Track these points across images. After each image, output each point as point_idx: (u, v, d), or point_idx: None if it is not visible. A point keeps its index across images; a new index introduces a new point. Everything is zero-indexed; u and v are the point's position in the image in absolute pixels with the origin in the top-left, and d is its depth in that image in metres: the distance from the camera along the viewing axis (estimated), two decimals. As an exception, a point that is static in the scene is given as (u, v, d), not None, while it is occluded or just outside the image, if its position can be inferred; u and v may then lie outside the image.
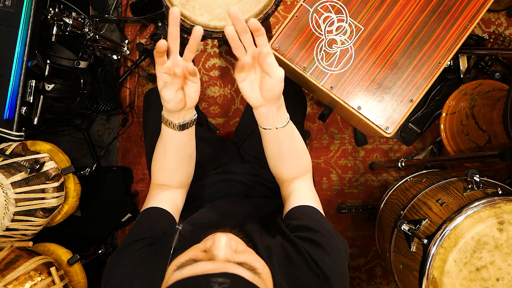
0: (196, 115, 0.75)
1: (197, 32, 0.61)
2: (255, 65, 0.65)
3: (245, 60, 0.61)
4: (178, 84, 0.64)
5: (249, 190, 0.97)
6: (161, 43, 0.59)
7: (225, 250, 0.52)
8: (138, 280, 0.61)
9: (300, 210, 0.73)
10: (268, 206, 0.88)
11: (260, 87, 0.66)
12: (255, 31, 0.61)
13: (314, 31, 1.05)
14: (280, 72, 0.63)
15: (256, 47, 0.63)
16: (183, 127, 0.72)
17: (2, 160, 1.14)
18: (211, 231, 0.59)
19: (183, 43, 0.62)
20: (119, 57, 1.68)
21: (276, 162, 0.80)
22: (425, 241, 1.03)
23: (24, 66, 1.09)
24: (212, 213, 0.80)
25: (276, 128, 0.72)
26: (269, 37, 0.97)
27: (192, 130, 0.76)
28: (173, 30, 0.61)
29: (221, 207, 0.83)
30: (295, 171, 0.79)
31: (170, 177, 0.79)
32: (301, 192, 0.77)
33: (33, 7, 1.07)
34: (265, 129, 0.73)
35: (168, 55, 0.63)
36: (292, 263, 0.62)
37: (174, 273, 0.51)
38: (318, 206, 0.74)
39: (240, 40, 0.62)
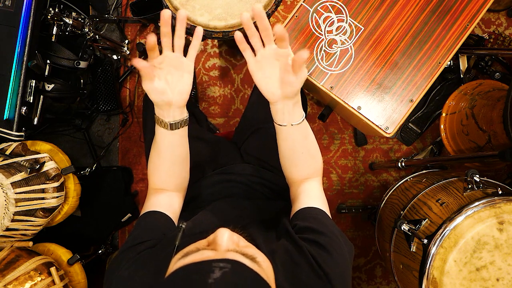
0: (188, 116, 0.75)
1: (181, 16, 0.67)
2: (271, 59, 0.68)
3: (260, 52, 0.66)
4: (151, 73, 0.67)
5: (249, 191, 0.96)
6: (151, 38, 0.64)
7: (227, 242, 0.54)
8: (139, 283, 0.61)
9: (308, 211, 0.73)
10: (270, 208, 0.87)
11: (281, 81, 0.68)
12: (280, 39, 0.65)
13: (314, 31, 1.05)
14: (305, 73, 0.67)
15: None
16: (173, 126, 0.73)
17: (2, 160, 1.14)
18: (214, 228, 0.59)
19: (186, 44, 0.64)
20: (119, 57, 1.68)
21: (288, 161, 0.80)
22: (425, 241, 1.03)
23: (24, 66, 1.09)
24: (213, 216, 0.80)
25: (292, 125, 0.73)
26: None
27: (184, 132, 0.76)
28: (164, 29, 0.67)
29: (222, 210, 0.83)
30: (307, 172, 0.79)
31: (165, 180, 0.80)
32: (310, 193, 0.77)
33: (33, 7, 1.07)
34: (281, 125, 0.74)
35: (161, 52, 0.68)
36: (295, 264, 0.62)
37: (177, 261, 0.52)
38: (326, 209, 0.74)
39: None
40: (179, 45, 0.69)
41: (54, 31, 1.27)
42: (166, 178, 0.79)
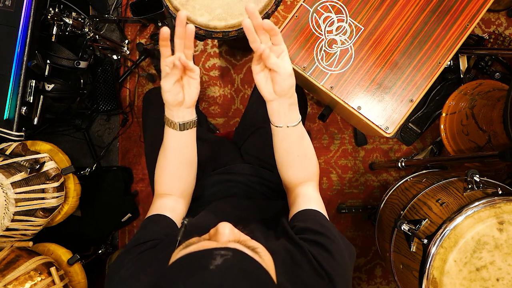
0: (197, 117, 0.76)
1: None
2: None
3: (261, 52, 0.65)
4: (176, 75, 0.68)
5: (249, 191, 0.97)
6: (164, 30, 0.64)
7: (229, 235, 0.55)
8: (141, 282, 0.61)
9: (306, 213, 0.73)
10: (270, 208, 0.88)
11: (272, 81, 0.69)
12: (269, 31, 0.65)
13: (314, 31, 1.05)
14: (287, 68, 0.67)
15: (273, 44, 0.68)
16: (183, 126, 0.74)
17: (2, 160, 1.14)
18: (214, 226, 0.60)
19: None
20: (119, 57, 1.68)
21: (285, 163, 0.80)
22: (425, 241, 1.03)
23: (24, 66, 1.09)
24: (214, 216, 0.80)
25: (287, 127, 0.74)
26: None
27: (193, 134, 0.77)
28: (179, 30, 0.66)
29: (222, 210, 0.83)
30: (303, 175, 0.80)
31: (172, 184, 0.80)
32: (307, 196, 0.78)
33: (33, 7, 1.07)
34: (277, 126, 0.75)
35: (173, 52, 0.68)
36: (296, 264, 0.62)
37: (180, 251, 0.53)
38: (324, 212, 0.75)
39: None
40: (189, 54, 0.70)
41: (54, 31, 1.27)
42: (173, 181, 0.80)
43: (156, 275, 0.61)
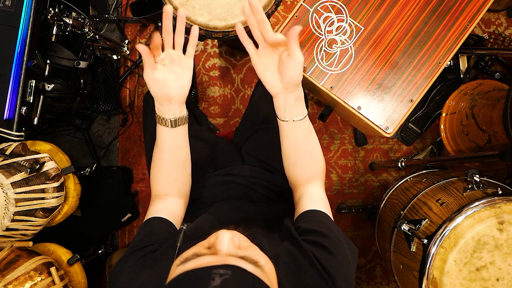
0: (187, 113, 0.77)
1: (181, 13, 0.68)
2: (270, 51, 0.69)
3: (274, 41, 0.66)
4: (152, 61, 0.68)
5: (250, 193, 0.96)
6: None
7: (228, 245, 0.53)
8: (142, 286, 0.61)
9: (310, 214, 0.72)
10: (273, 211, 0.87)
11: (280, 71, 0.69)
12: (283, 45, 0.67)
13: (314, 31, 1.05)
14: (300, 56, 0.66)
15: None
16: (173, 123, 0.74)
17: (2, 160, 1.14)
18: (215, 231, 0.59)
19: (185, 43, 0.65)
20: (119, 57, 1.68)
21: (291, 160, 0.80)
22: (425, 241, 1.03)
23: (24, 66, 1.09)
24: (214, 219, 0.79)
25: (293, 121, 0.74)
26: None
27: (185, 132, 0.77)
28: (166, 23, 0.68)
29: (223, 212, 0.83)
30: (309, 173, 0.79)
31: (168, 185, 0.80)
32: (312, 196, 0.77)
33: (33, 7, 1.07)
34: (283, 121, 0.75)
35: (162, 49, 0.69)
36: (298, 266, 0.62)
37: (177, 267, 0.51)
38: (329, 212, 0.74)
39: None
40: (180, 42, 0.70)
41: (54, 31, 1.27)
42: (168, 182, 0.79)
43: (156, 280, 0.61)
